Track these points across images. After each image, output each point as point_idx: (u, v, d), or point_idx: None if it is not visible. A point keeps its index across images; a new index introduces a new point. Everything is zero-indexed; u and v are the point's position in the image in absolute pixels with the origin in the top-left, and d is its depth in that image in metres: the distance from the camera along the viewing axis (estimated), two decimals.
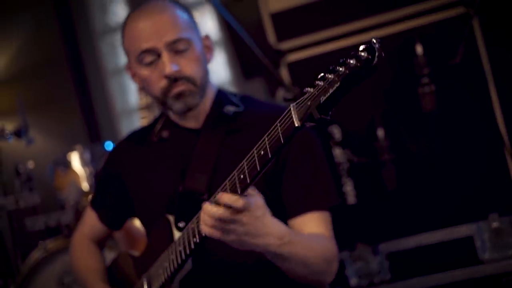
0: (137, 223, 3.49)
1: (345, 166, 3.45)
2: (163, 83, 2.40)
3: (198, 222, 2.09)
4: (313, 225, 2.32)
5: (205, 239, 2.08)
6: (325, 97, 1.71)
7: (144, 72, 2.44)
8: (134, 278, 2.50)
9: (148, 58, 2.41)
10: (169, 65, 2.37)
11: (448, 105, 3.31)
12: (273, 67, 3.29)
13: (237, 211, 1.96)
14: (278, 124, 1.86)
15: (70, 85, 6.35)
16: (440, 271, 3.32)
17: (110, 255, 2.78)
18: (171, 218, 2.33)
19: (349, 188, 3.46)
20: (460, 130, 3.34)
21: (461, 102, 3.32)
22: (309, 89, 1.78)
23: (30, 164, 4.67)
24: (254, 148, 1.93)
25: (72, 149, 4.76)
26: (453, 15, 3.31)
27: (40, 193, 4.64)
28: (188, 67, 2.40)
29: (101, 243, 2.75)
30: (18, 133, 4.55)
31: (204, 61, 2.47)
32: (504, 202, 3.31)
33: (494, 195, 3.32)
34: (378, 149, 3.34)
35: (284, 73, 3.49)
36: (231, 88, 5.82)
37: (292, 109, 1.81)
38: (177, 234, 2.29)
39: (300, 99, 1.81)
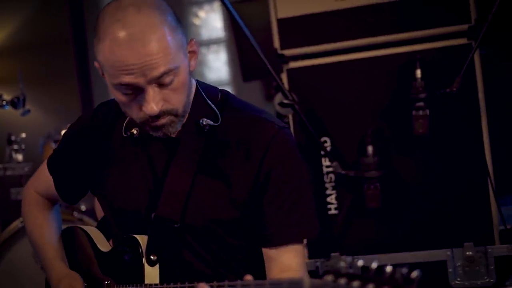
0: None
1: (331, 177, 3.52)
2: (142, 115, 2.11)
3: None
4: (289, 257, 2.22)
5: None
6: None
7: (121, 97, 2.13)
8: (95, 272, 2.41)
9: (127, 90, 2.08)
10: (152, 105, 2.06)
11: (439, 131, 3.37)
12: (274, 71, 3.33)
13: None
14: (286, 286, 1.70)
15: (72, 63, 6.39)
16: None
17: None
18: (140, 241, 2.23)
19: (332, 198, 3.52)
20: (448, 157, 3.40)
21: (452, 130, 3.39)
22: (329, 277, 1.58)
23: (23, 134, 4.70)
24: (253, 285, 1.81)
25: (65, 126, 4.78)
26: (455, 44, 3.38)
27: (28, 165, 4.67)
28: (172, 99, 2.10)
29: (54, 202, 2.62)
30: (14, 103, 4.57)
31: (189, 82, 2.18)
32: (480, 233, 3.38)
33: (472, 225, 3.39)
34: (365, 165, 3.38)
35: (284, 79, 3.55)
36: (228, 88, 5.86)
37: (305, 286, 1.64)
38: (146, 267, 2.19)
39: (317, 281, 1.62)
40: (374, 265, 1.57)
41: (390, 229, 3.47)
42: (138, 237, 2.24)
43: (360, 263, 1.61)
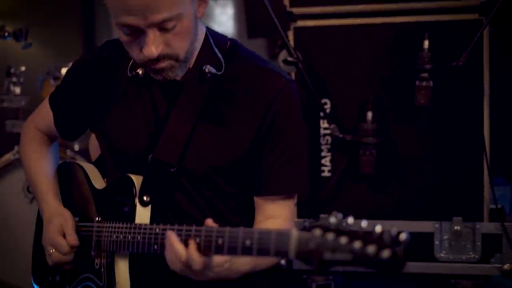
0: None
1: (327, 139, 3.52)
2: (142, 57, 2.10)
3: (162, 235, 2.04)
4: (278, 207, 2.27)
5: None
6: (330, 257, 1.61)
7: (123, 37, 2.12)
8: (88, 208, 2.41)
9: (129, 31, 2.07)
10: (152, 49, 2.05)
11: (440, 104, 3.37)
12: (281, 28, 3.31)
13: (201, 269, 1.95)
14: (273, 236, 1.77)
15: (77, 2, 6.33)
16: None
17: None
18: (135, 181, 2.23)
19: (327, 161, 3.52)
20: (447, 131, 3.41)
21: (453, 104, 3.39)
22: (317, 231, 1.64)
23: (22, 67, 4.67)
24: (241, 232, 1.85)
25: (66, 65, 4.76)
26: (466, 18, 3.37)
27: (25, 99, 4.65)
28: (174, 44, 2.09)
29: (53, 138, 2.62)
30: (16, 35, 4.53)
31: (194, 30, 2.14)
32: (470, 209, 3.39)
33: (463, 200, 3.40)
34: (363, 130, 3.38)
35: (290, 37, 3.53)
36: None
37: (293, 238, 1.70)
38: (138, 207, 2.20)
39: (305, 234, 1.68)
40: (364, 224, 1.62)
41: (380, 197, 3.48)
42: (133, 177, 2.25)
43: (350, 220, 1.64)
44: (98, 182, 2.46)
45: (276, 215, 2.28)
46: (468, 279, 3.38)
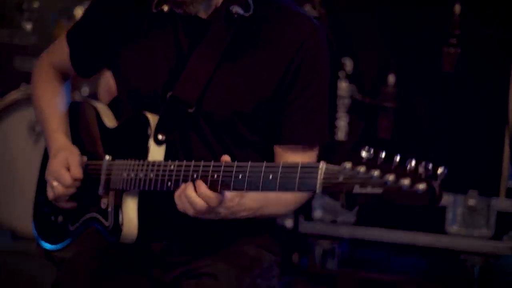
0: None
1: (346, 101, 3.43)
2: None
3: (177, 171, 1.99)
4: (296, 157, 2.20)
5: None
6: (360, 191, 1.57)
7: None
8: (98, 147, 2.35)
9: None
10: None
11: (465, 73, 3.28)
12: None
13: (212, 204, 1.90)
14: (299, 169, 1.71)
15: None
16: (404, 229, 3.33)
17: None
18: (150, 119, 2.18)
19: (342, 123, 3.45)
20: (470, 101, 3.33)
21: (479, 74, 3.30)
22: (347, 163, 1.60)
23: (35, 4, 4.57)
24: (264, 166, 1.80)
25: (80, 3, 4.66)
26: None
27: (36, 36, 4.56)
28: None
29: (66, 76, 2.55)
30: None
31: None
32: (487, 183, 3.32)
33: (480, 173, 3.32)
34: (384, 94, 3.31)
35: None
36: None
37: (320, 171, 1.66)
38: (152, 145, 2.16)
39: (334, 166, 1.63)
40: (397, 157, 1.54)
41: None
42: (149, 114, 2.18)
43: (383, 155, 1.57)
44: (110, 121, 2.40)
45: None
46: (479, 256, 3.32)
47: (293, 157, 2.19)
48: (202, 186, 1.91)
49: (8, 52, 4.60)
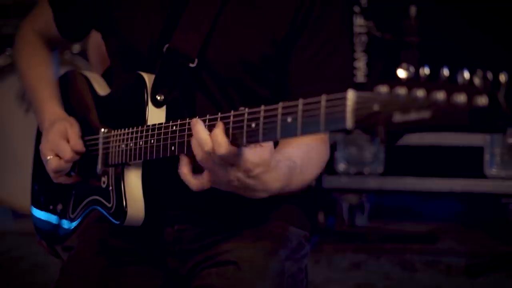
0: None
1: (363, 38, 3.21)
2: None
3: (182, 132, 1.76)
4: None
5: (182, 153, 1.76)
6: (402, 118, 1.26)
7: None
8: (93, 119, 2.16)
9: None
10: None
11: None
12: None
13: (231, 164, 1.62)
14: (323, 103, 1.41)
15: None
16: (438, 176, 3.12)
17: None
18: (146, 78, 1.98)
19: (361, 64, 3.22)
20: (504, 29, 3.08)
21: None
22: (382, 87, 1.28)
23: None
24: (281, 108, 1.52)
25: None
26: None
27: None
28: None
29: (52, 44, 2.36)
30: None
31: None
32: None
33: None
34: (405, 28, 3.11)
35: None
36: None
37: (349, 101, 1.34)
38: (150, 108, 1.95)
39: (366, 93, 1.31)
40: (445, 71, 1.24)
41: None
42: (143, 74, 1.98)
43: (426, 71, 1.25)
44: (103, 90, 2.23)
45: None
46: None
47: None
48: (220, 143, 1.62)
49: None
